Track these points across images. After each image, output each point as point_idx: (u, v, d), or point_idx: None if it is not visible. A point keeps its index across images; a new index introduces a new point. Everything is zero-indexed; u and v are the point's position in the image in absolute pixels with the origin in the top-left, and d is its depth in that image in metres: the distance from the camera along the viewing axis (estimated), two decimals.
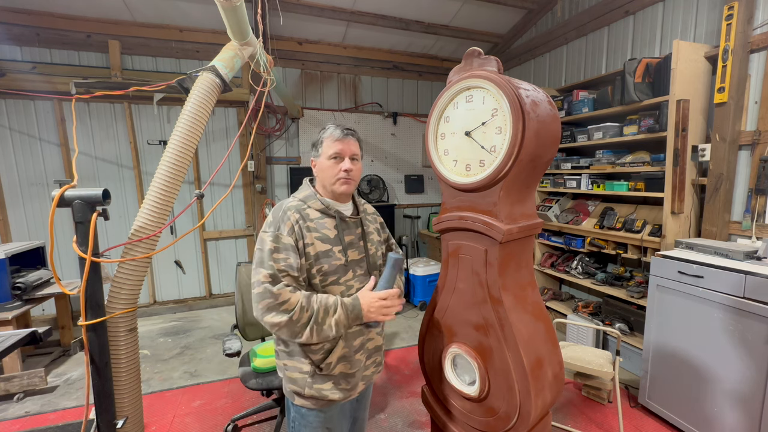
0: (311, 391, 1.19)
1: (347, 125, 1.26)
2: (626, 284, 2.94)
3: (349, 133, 1.23)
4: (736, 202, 2.44)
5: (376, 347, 1.35)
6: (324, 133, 1.24)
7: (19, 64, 3.50)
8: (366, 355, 1.29)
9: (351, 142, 1.23)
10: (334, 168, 1.21)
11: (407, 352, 3.25)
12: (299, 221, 1.16)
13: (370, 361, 1.32)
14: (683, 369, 2.12)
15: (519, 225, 1.28)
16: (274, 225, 1.15)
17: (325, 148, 1.22)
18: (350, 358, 1.23)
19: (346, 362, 1.22)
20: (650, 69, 2.62)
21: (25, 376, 2.59)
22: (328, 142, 1.22)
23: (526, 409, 1.25)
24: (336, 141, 1.21)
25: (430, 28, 4.29)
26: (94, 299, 1.44)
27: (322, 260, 1.17)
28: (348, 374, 1.24)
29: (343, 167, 1.21)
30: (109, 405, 1.51)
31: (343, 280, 1.21)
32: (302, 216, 1.18)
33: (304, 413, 1.23)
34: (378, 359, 1.37)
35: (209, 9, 3.53)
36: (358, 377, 1.27)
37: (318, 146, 1.25)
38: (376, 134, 5.04)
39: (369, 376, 1.34)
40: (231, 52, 2.09)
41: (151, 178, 1.76)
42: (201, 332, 3.70)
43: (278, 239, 1.12)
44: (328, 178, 1.22)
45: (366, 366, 1.31)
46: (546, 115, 1.23)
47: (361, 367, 1.28)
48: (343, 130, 1.23)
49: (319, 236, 1.18)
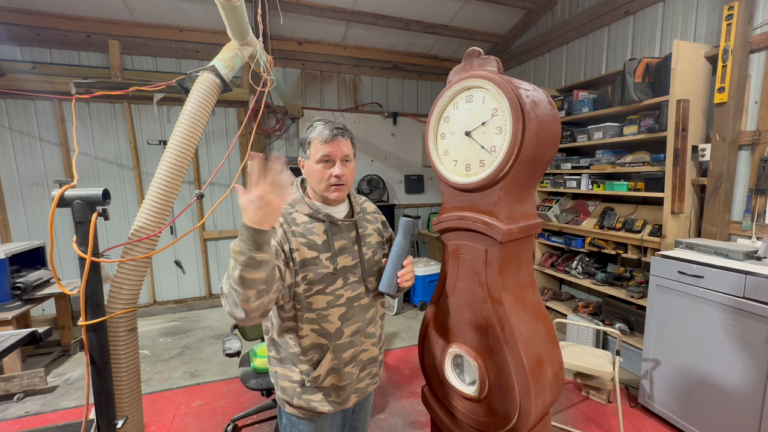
0: (300, 402, 1.16)
1: (338, 123, 1.14)
2: (626, 284, 2.94)
3: (338, 133, 1.10)
4: (736, 202, 2.44)
5: (371, 359, 1.26)
6: (311, 133, 1.11)
7: (19, 64, 3.50)
8: (359, 368, 1.22)
9: (341, 142, 1.10)
10: (324, 173, 1.10)
11: (407, 352, 3.25)
12: (283, 225, 1.09)
13: (364, 373, 1.25)
14: (683, 369, 2.12)
15: (519, 225, 1.28)
16: None
17: (312, 151, 1.10)
18: (340, 370, 1.16)
19: (336, 375, 1.16)
20: (650, 69, 2.62)
21: (25, 376, 2.59)
22: (316, 144, 1.10)
23: (526, 409, 1.24)
24: (324, 143, 1.09)
25: (430, 28, 4.29)
26: (94, 299, 1.44)
27: (308, 268, 1.09)
28: (339, 387, 1.18)
29: (334, 173, 1.10)
30: (109, 405, 1.52)
31: (331, 289, 1.12)
32: (287, 220, 1.10)
33: (294, 421, 1.20)
34: (373, 371, 1.28)
35: (209, 9, 3.53)
36: (350, 390, 1.21)
37: (305, 147, 1.13)
38: (376, 134, 5.03)
39: (363, 389, 1.26)
40: (231, 52, 2.09)
41: (151, 178, 1.76)
42: (201, 332, 3.70)
43: None
44: (318, 183, 1.12)
45: (359, 378, 1.23)
46: (546, 115, 1.23)
47: (353, 380, 1.21)
48: (332, 129, 1.10)
49: (305, 242, 1.09)
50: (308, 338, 1.13)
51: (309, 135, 1.12)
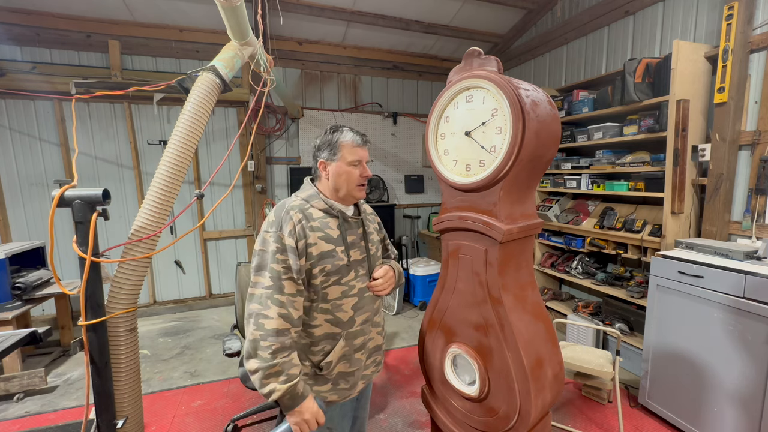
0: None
1: (348, 125, 1.29)
2: (626, 284, 2.94)
3: (366, 140, 1.29)
4: (736, 202, 2.44)
5: (377, 346, 1.36)
6: (342, 137, 1.24)
7: (19, 64, 3.50)
8: (366, 354, 1.31)
9: (367, 148, 1.29)
10: (355, 173, 1.24)
11: (407, 352, 3.25)
12: (302, 221, 1.15)
13: (370, 360, 1.34)
14: (683, 369, 2.12)
15: (519, 225, 1.28)
16: (276, 225, 1.14)
17: (345, 154, 1.23)
18: (350, 357, 1.24)
19: (346, 361, 1.24)
20: (650, 69, 2.62)
21: (25, 376, 2.59)
22: (349, 148, 1.23)
23: (526, 409, 1.24)
24: (357, 147, 1.24)
25: (430, 28, 4.29)
26: (94, 299, 1.44)
27: (326, 260, 1.17)
28: (347, 373, 1.25)
29: (364, 174, 1.26)
30: (109, 405, 1.51)
31: (345, 280, 1.22)
32: (305, 216, 1.17)
33: None
34: (378, 359, 1.38)
35: (209, 9, 3.53)
36: (358, 376, 1.29)
37: (335, 150, 1.23)
38: (376, 134, 5.03)
39: (368, 376, 1.35)
40: (231, 52, 2.09)
41: (151, 178, 1.76)
42: (201, 332, 3.70)
43: (280, 239, 1.12)
44: (347, 183, 1.24)
45: (366, 365, 1.32)
46: (546, 115, 1.23)
47: (361, 366, 1.29)
48: (362, 136, 1.27)
49: (322, 236, 1.18)
50: (321, 328, 1.21)
51: (339, 139, 1.23)
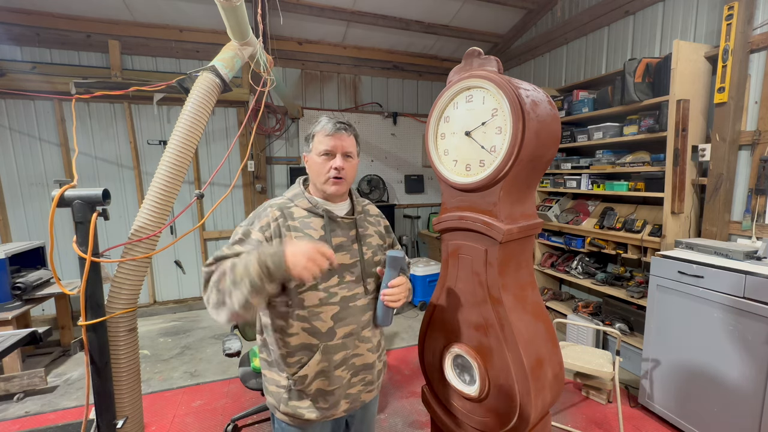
0: (286, 408, 1.13)
1: (344, 119, 1.17)
2: (626, 284, 2.94)
3: (342, 128, 1.12)
4: (736, 202, 2.44)
5: (365, 365, 1.20)
6: (316, 127, 1.14)
7: (19, 64, 3.50)
8: (351, 372, 1.16)
9: (344, 137, 1.12)
10: (324, 166, 1.11)
11: (407, 352, 3.25)
12: (278, 219, 1.09)
13: (357, 379, 1.19)
14: (683, 369, 2.12)
15: (519, 225, 1.28)
16: (249, 220, 1.11)
17: (315, 144, 1.12)
18: (329, 373, 1.11)
19: (324, 378, 1.12)
20: (650, 69, 2.62)
21: (25, 376, 2.59)
22: (319, 137, 1.12)
23: (526, 409, 1.24)
24: (327, 136, 1.10)
25: (430, 28, 4.29)
26: (94, 299, 1.44)
27: None
28: (326, 392, 1.13)
29: (333, 165, 1.10)
30: (109, 405, 1.52)
31: (324, 286, 1.09)
32: (284, 214, 1.10)
33: (284, 428, 1.18)
34: (368, 378, 1.22)
35: (209, 9, 3.53)
36: (339, 395, 1.15)
37: (309, 140, 1.15)
38: (376, 134, 5.04)
39: (355, 395, 1.19)
40: (231, 52, 2.09)
41: (151, 178, 1.76)
42: (201, 332, 3.70)
43: (247, 234, 1.07)
44: (318, 176, 1.12)
45: (351, 384, 1.17)
46: (546, 115, 1.23)
47: (342, 385, 1.15)
48: (335, 123, 1.11)
49: (300, 236, 1.08)
50: (298, 337, 1.10)
51: (314, 129, 1.15)
